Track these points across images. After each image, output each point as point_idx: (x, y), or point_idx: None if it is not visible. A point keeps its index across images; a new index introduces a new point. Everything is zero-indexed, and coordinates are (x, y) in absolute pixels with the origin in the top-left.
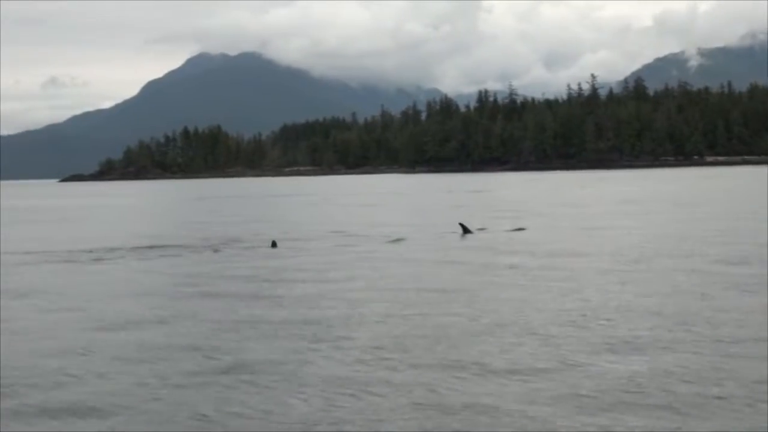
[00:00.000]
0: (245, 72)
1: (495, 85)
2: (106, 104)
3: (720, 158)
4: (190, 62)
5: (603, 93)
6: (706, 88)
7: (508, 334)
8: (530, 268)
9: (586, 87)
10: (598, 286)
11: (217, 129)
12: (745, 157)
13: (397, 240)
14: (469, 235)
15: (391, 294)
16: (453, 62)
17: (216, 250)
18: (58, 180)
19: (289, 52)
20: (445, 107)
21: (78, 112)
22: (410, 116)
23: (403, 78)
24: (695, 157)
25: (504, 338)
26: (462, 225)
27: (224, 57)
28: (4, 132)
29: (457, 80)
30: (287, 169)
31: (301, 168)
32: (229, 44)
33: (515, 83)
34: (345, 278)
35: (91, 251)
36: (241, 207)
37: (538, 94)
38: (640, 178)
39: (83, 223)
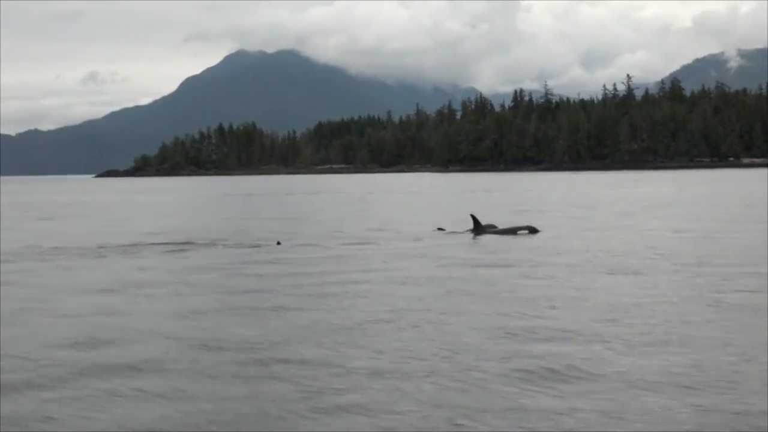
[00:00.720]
0: (282, 69)
1: (532, 85)
2: (145, 100)
3: (756, 160)
4: (228, 59)
5: (639, 94)
6: (744, 90)
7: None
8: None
9: (621, 88)
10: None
11: (252, 126)
12: None
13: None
14: (478, 233)
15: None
16: (490, 61)
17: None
18: (93, 176)
19: (326, 49)
20: (480, 107)
21: (117, 108)
22: (445, 115)
23: (441, 77)
24: (731, 158)
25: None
26: (473, 217)
27: (262, 54)
28: (44, 127)
29: (495, 79)
30: (320, 167)
31: (335, 166)
32: (267, 41)
33: (553, 83)
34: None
35: (123, 245)
36: (275, 204)
37: (575, 95)
38: (669, 179)
39: (110, 219)
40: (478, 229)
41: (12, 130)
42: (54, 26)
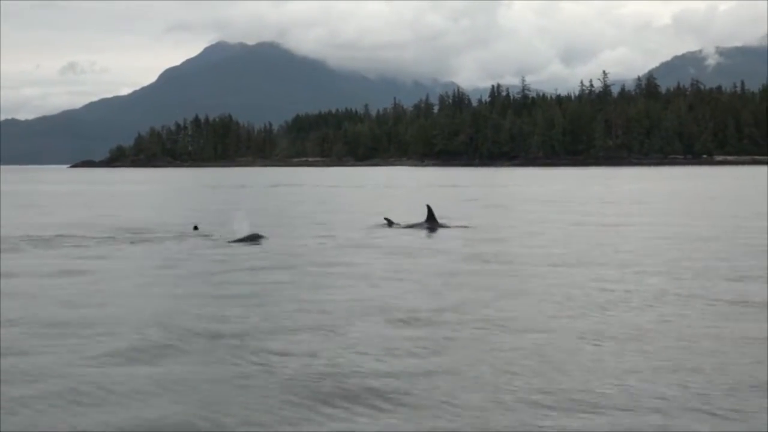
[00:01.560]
0: (263, 61)
1: (513, 80)
2: (124, 91)
3: (729, 158)
4: (209, 50)
5: (616, 90)
6: (719, 88)
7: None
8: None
9: (597, 84)
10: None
11: (228, 118)
12: (755, 157)
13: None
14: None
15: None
16: (471, 56)
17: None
18: (68, 166)
19: (307, 42)
20: (458, 101)
21: (95, 98)
22: (422, 109)
23: (421, 71)
24: (704, 156)
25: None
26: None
27: (242, 46)
28: (22, 117)
29: (475, 74)
30: (296, 160)
31: (310, 159)
32: (247, 33)
33: (533, 79)
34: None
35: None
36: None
37: (554, 90)
38: (640, 176)
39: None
40: (431, 222)
41: None
42: (33, 15)
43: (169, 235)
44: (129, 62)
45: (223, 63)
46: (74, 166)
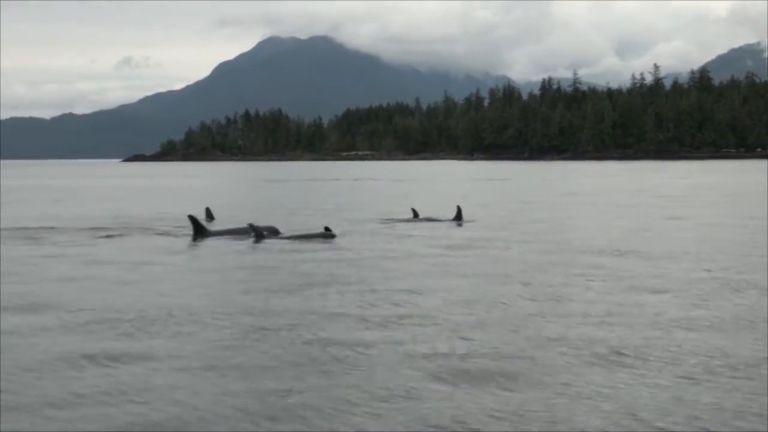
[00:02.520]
0: (315, 55)
1: (566, 74)
2: (178, 85)
3: None
4: (261, 45)
5: (669, 83)
6: None
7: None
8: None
9: (649, 77)
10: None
11: (278, 112)
12: None
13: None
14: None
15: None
16: (524, 50)
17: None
18: (120, 160)
19: (359, 36)
20: (508, 94)
21: (150, 93)
22: (473, 103)
23: (473, 64)
24: (758, 149)
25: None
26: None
27: (295, 40)
28: (79, 111)
29: (528, 68)
30: (345, 154)
31: (359, 153)
32: (300, 28)
33: (587, 72)
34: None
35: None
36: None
37: (608, 84)
38: (691, 170)
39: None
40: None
41: (47, 114)
42: (88, 10)
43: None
44: (183, 57)
45: (276, 57)
46: (126, 160)
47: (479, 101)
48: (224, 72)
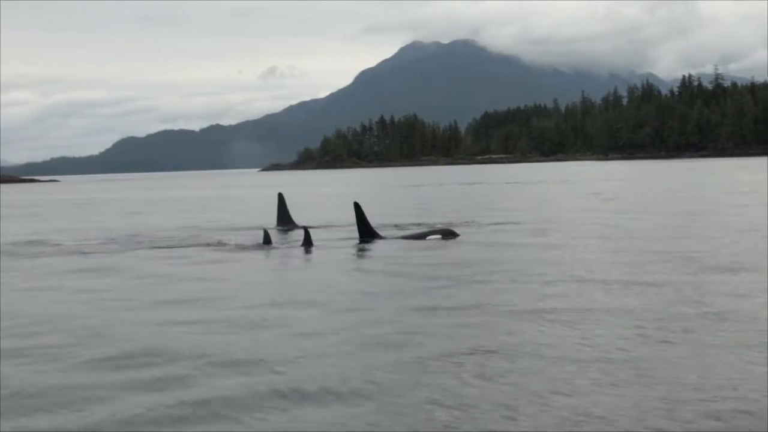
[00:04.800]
0: (457, 59)
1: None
2: (322, 94)
3: None
4: (404, 51)
5: None
6: None
7: None
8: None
9: None
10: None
11: (413, 118)
12: None
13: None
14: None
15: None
16: (670, 46)
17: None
18: (258, 169)
19: (501, 38)
20: (647, 92)
21: (294, 102)
22: (611, 102)
23: (617, 63)
24: None
25: None
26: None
27: (437, 45)
28: (226, 122)
29: (674, 64)
30: (479, 157)
31: (494, 156)
32: (442, 32)
33: (736, 67)
34: None
35: None
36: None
37: (751, 77)
38: None
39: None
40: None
41: (196, 126)
42: (233, 22)
43: None
44: (326, 65)
45: (418, 62)
46: (264, 169)
47: (617, 100)
48: (366, 79)
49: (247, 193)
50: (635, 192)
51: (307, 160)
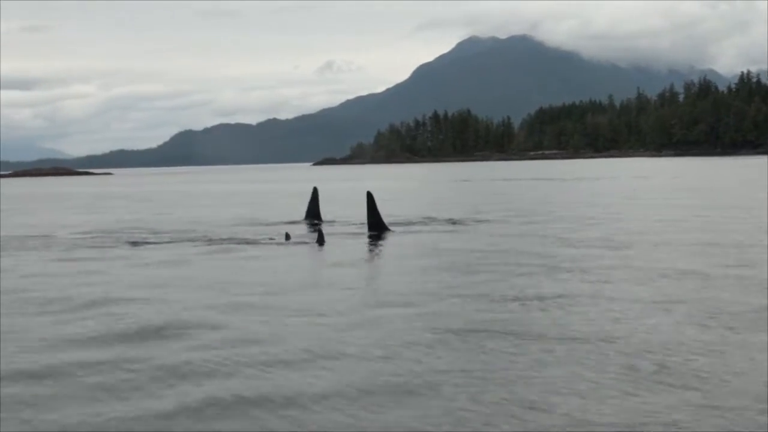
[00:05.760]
0: (514, 55)
1: None
2: (379, 88)
3: None
4: (461, 46)
5: None
6: None
7: None
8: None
9: None
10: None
11: (467, 113)
12: None
13: None
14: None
15: None
16: (731, 42)
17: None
18: (311, 164)
19: (558, 34)
20: (704, 88)
21: (351, 96)
22: (667, 98)
23: (676, 58)
24: None
25: None
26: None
27: (494, 40)
28: (283, 116)
29: (735, 60)
30: (532, 153)
31: (546, 152)
32: (499, 27)
33: None
34: None
35: None
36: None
37: None
38: None
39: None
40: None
41: (253, 120)
42: (289, 17)
43: None
44: (383, 60)
45: (475, 57)
46: (316, 164)
47: (673, 96)
48: (424, 74)
49: (290, 188)
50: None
51: (359, 155)
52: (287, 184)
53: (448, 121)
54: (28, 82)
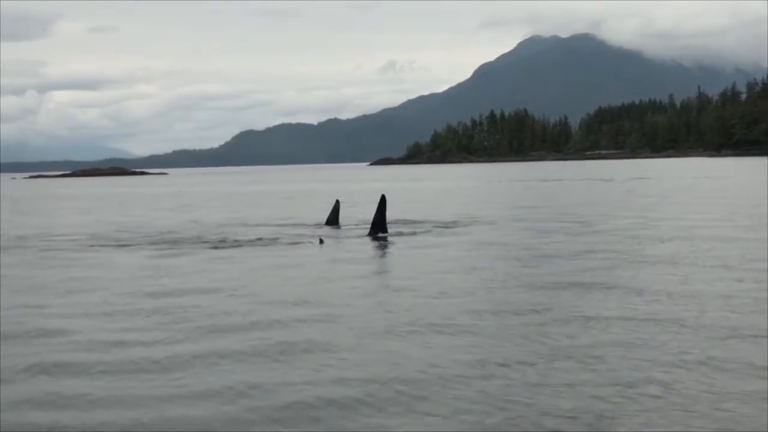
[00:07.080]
0: (576, 53)
1: None
2: (441, 88)
3: None
4: (522, 45)
5: None
6: None
7: None
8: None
9: None
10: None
11: (523, 113)
12: None
13: None
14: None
15: None
16: None
17: None
18: (368, 164)
19: (621, 32)
20: (767, 87)
21: (413, 96)
22: (728, 98)
23: (743, 57)
24: None
25: None
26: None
27: (556, 39)
28: (344, 116)
29: None
30: (588, 153)
31: (603, 152)
32: (561, 26)
33: None
34: None
35: None
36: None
37: None
38: None
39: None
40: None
41: (314, 119)
42: (351, 16)
43: None
44: (445, 59)
45: (537, 57)
46: (373, 163)
47: (735, 95)
48: (485, 73)
49: (339, 189)
50: None
51: (416, 155)
52: (341, 184)
53: (505, 120)
54: (95, 83)
